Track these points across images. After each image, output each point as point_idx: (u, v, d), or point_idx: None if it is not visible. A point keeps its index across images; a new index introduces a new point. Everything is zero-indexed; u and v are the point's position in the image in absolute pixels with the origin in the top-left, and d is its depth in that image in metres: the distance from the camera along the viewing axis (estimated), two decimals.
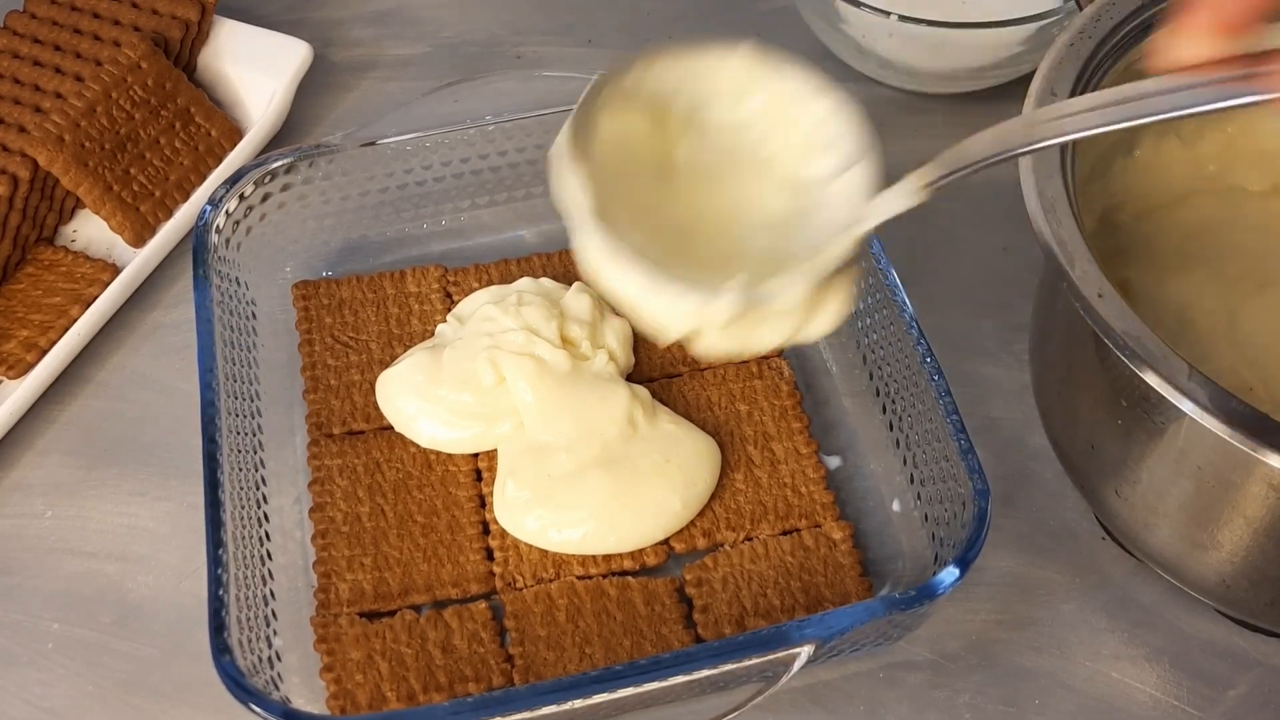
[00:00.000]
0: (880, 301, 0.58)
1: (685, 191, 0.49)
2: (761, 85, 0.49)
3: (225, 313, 0.59)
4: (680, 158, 0.50)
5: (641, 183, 0.49)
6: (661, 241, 0.47)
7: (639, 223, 0.47)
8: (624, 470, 0.56)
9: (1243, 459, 0.43)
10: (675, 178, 0.49)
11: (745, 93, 0.49)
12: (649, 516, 0.56)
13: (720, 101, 0.49)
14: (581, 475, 0.56)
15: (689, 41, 0.48)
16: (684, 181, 0.49)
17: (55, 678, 0.56)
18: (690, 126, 0.49)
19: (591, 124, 0.47)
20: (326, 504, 0.57)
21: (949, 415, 0.53)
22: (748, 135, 0.49)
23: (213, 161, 0.71)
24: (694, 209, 0.49)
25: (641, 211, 0.48)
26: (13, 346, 0.63)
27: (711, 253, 0.48)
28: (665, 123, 0.49)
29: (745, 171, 0.49)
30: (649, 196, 0.48)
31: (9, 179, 0.65)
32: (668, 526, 0.56)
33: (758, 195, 0.49)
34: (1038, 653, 0.56)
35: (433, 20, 0.82)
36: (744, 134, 0.49)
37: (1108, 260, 0.48)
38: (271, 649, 0.51)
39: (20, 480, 0.62)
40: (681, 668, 0.47)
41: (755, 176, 0.49)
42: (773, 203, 0.49)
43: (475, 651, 0.53)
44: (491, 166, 0.66)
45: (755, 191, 0.49)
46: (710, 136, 0.49)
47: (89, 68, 0.69)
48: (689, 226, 0.48)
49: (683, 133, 0.49)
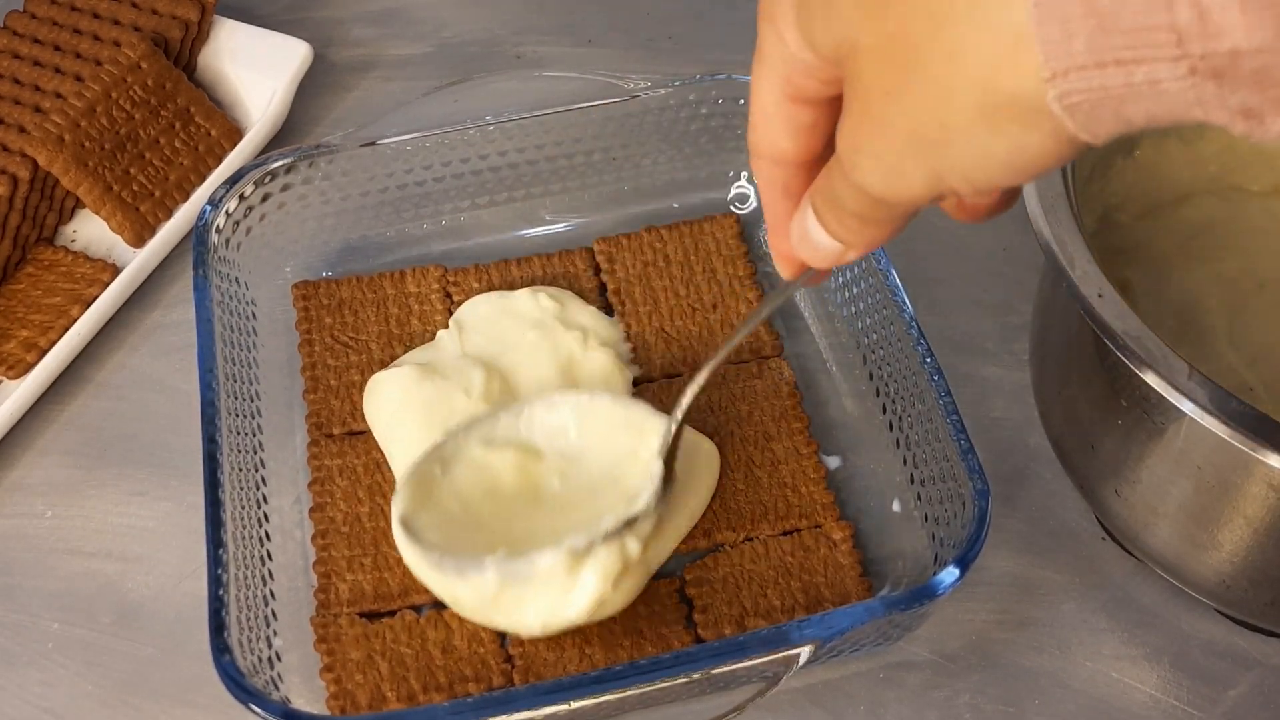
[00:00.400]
0: (880, 301, 0.58)
1: (544, 513, 0.53)
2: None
3: (225, 313, 0.59)
4: (552, 486, 0.54)
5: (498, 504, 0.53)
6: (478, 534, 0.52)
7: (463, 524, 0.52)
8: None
9: (1243, 459, 0.43)
10: (541, 503, 0.53)
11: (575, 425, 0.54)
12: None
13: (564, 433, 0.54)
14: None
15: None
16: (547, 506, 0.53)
17: (55, 678, 0.56)
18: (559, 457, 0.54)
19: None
20: (326, 504, 0.57)
21: (949, 415, 0.53)
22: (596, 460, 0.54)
23: (213, 161, 0.71)
24: (539, 523, 0.52)
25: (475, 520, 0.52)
26: (12, 346, 0.63)
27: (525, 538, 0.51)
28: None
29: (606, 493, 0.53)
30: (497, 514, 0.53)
31: (9, 179, 0.65)
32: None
33: (598, 508, 0.52)
34: (1038, 653, 0.56)
35: (433, 20, 0.82)
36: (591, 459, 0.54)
37: (1108, 260, 0.48)
38: (271, 649, 0.51)
39: (20, 480, 0.62)
40: (681, 668, 0.47)
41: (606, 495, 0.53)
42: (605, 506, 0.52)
43: (475, 651, 0.53)
44: (491, 166, 0.66)
45: (599, 506, 0.52)
46: (577, 463, 0.54)
47: (89, 68, 0.69)
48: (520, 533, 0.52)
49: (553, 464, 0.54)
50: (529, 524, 0.52)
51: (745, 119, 0.65)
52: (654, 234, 0.66)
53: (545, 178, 0.67)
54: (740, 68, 0.66)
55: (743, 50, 0.79)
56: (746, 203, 0.69)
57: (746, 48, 0.86)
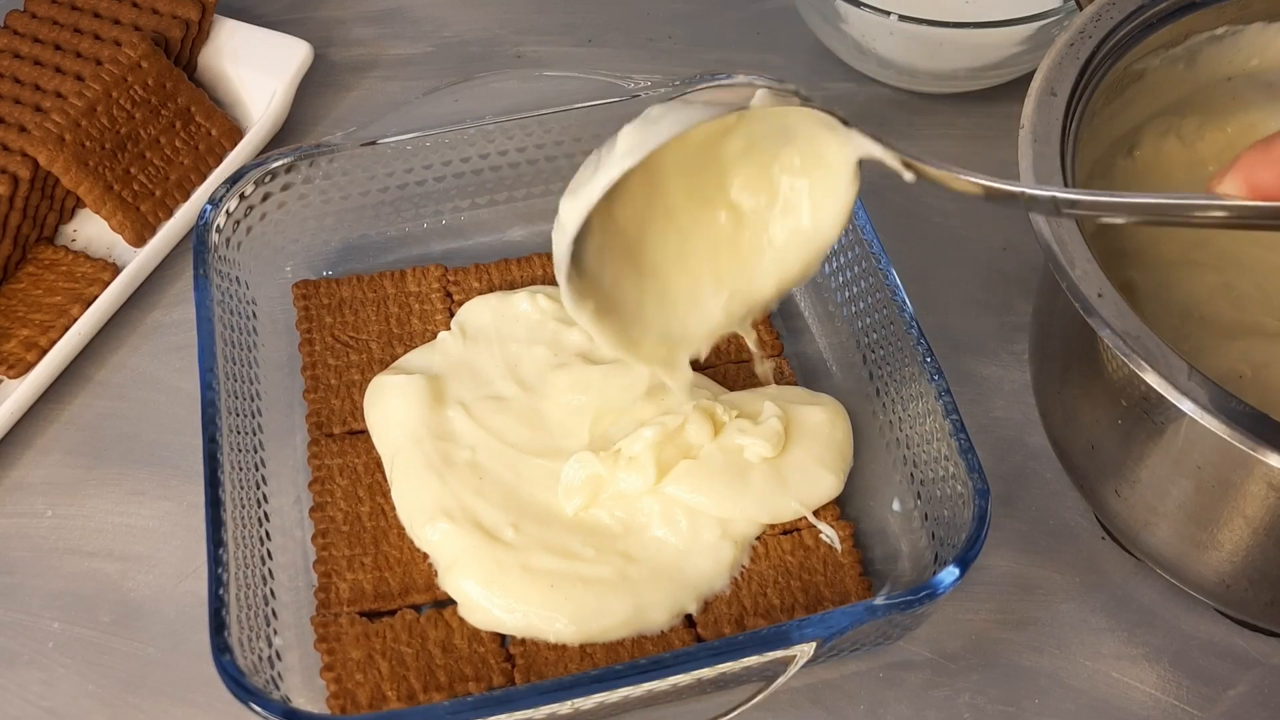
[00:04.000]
0: (880, 301, 0.58)
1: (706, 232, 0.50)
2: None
3: (225, 312, 0.59)
4: (732, 184, 0.50)
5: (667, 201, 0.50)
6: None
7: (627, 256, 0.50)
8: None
9: (1242, 459, 0.43)
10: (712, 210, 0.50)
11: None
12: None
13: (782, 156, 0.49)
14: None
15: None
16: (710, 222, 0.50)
17: (55, 677, 0.56)
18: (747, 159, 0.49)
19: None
20: (327, 503, 0.57)
21: (949, 415, 0.53)
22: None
23: (213, 161, 0.71)
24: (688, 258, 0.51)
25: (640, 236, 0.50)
26: (13, 346, 0.63)
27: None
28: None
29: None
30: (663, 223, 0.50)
31: (9, 178, 0.65)
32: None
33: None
34: (1038, 653, 0.56)
35: (433, 20, 0.82)
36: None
37: (1110, 261, 0.48)
38: (272, 648, 0.51)
39: (21, 479, 0.62)
40: (681, 668, 0.47)
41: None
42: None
43: (475, 651, 0.53)
44: (492, 166, 0.66)
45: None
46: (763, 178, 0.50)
47: (89, 67, 0.69)
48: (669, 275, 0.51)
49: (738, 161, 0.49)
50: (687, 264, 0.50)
51: None
52: None
53: (545, 178, 0.67)
54: (740, 68, 0.66)
55: (743, 50, 0.79)
56: None
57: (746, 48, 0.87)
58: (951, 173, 0.44)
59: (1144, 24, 0.53)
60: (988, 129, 0.74)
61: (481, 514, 0.55)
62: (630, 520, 0.55)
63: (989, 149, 0.73)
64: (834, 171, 0.48)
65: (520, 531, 0.54)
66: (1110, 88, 0.53)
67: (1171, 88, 0.57)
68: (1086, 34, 0.52)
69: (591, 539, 0.54)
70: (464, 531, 0.54)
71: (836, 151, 0.47)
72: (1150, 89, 0.56)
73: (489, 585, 0.53)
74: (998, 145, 0.72)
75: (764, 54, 0.79)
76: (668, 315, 0.51)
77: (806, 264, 0.50)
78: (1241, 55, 0.57)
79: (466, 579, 0.54)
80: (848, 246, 0.60)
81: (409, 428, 0.57)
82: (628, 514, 0.55)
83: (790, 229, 0.50)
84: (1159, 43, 0.55)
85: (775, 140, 0.48)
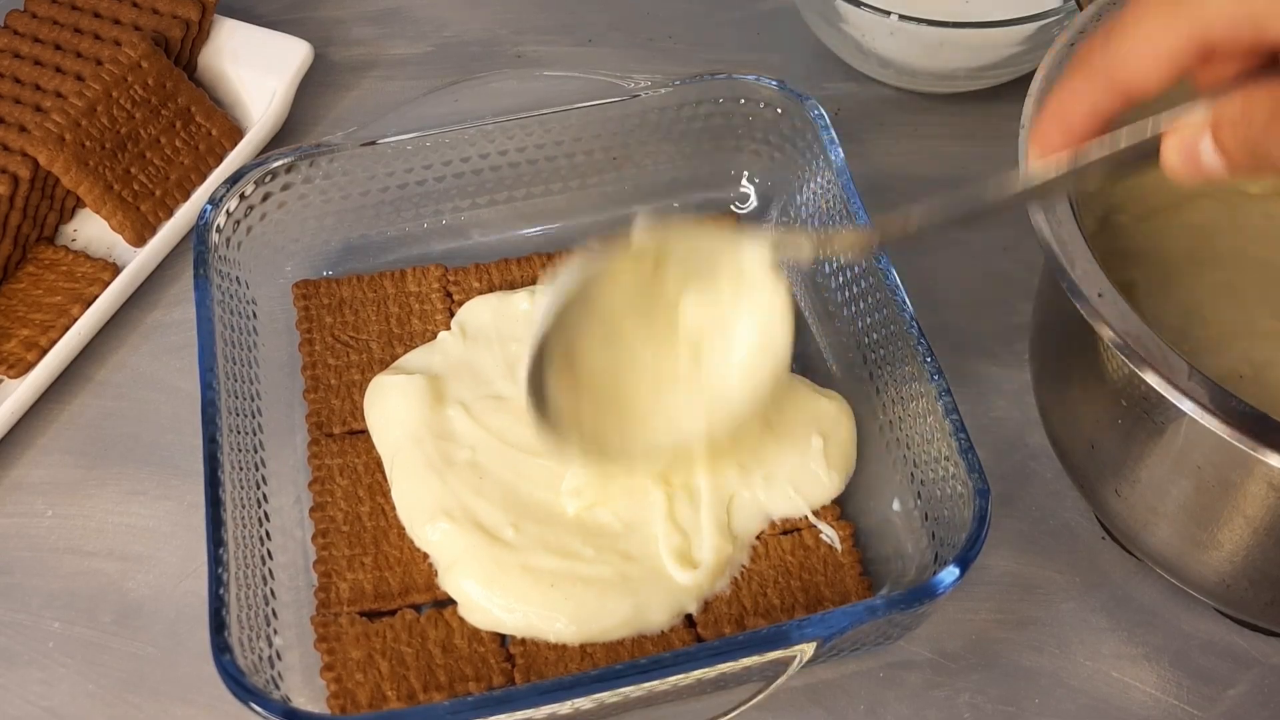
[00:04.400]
0: (880, 301, 0.58)
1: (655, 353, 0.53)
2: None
3: (225, 312, 0.59)
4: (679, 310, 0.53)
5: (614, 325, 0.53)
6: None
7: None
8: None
9: (1243, 458, 0.43)
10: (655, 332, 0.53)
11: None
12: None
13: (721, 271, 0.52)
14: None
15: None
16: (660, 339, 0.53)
17: (55, 677, 0.56)
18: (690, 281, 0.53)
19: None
20: (327, 503, 0.57)
21: (949, 414, 0.53)
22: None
23: (213, 161, 0.71)
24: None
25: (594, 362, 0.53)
26: (13, 345, 0.63)
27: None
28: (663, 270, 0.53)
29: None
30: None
31: (9, 178, 0.65)
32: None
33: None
34: (1038, 652, 0.56)
35: (433, 20, 0.82)
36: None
37: (1110, 261, 0.48)
38: (272, 648, 0.51)
39: (21, 479, 0.62)
40: (681, 667, 0.47)
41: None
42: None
43: (475, 651, 0.53)
44: (492, 166, 0.66)
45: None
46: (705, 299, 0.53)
47: (89, 67, 0.69)
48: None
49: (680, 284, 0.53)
50: (654, 402, 0.53)
51: (745, 119, 0.66)
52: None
53: (545, 178, 0.67)
54: (740, 67, 0.66)
55: (743, 50, 0.79)
56: (747, 202, 0.69)
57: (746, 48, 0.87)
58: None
59: None
60: (988, 129, 0.74)
61: (481, 514, 0.55)
62: (631, 519, 0.55)
63: (989, 149, 0.73)
64: (757, 281, 0.52)
65: (520, 531, 0.54)
66: None
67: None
68: (1087, 34, 0.52)
69: (591, 539, 0.54)
70: (464, 531, 0.54)
71: (750, 261, 0.52)
72: None
73: (489, 585, 0.53)
74: (998, 145, 0.72)
75: (764, 54, 0.79)
76: (654, 449, 0.54)
77: (773, 371, 0.53)
78: None
79: (466, 579, 0.54)
80: None
81: (409, 428, 0.57)
82: (628, 513, 0.55)
83: (746, 347, 0.53)
84: None
85: (704, 268, 0.52)
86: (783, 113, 0.65)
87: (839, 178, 0.61)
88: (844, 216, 0.60)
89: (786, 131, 0.65)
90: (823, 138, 0.62)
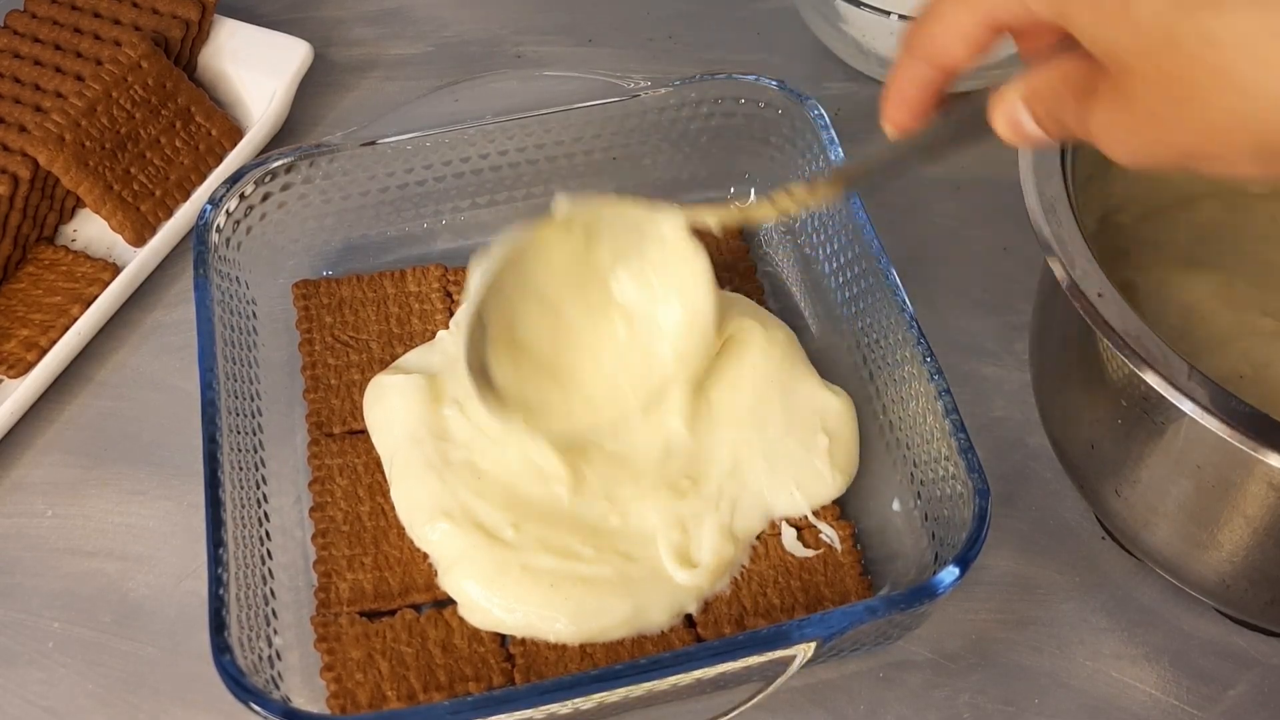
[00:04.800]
0: (880, 301, 0.58)
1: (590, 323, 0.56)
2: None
3: (225, 312, 0.59)
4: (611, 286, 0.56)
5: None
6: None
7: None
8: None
9: (1243, 458, 0.43)
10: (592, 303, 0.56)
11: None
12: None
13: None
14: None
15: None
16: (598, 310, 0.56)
17: (55, 677, 0.56)
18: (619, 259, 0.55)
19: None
20: (327, 503, 0.57)
21: (949, 414, 0.53)
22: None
23: (213, 161, 0.71)
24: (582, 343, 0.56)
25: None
26: (13, 346, 0.63)
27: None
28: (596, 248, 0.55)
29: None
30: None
31: (9, 178, 0.65)
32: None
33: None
34: (1038, 652, 0.56)
35: (433, 20, 0.82)
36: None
37: (1111, 261, 0.48)
38: (271, 648, 0.51)
39: (21, 479, 0.62)
40: (681, 667, 0.47)
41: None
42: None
43: (475, 651, 0.53)
44: (492, 166, 0.66)
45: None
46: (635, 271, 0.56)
47: (89, 67, 0.70)
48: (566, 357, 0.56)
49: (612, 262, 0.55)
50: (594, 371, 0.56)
51: (745, 119, 0.66)
52: None
53: (545, 177, 0.67)
54: (740, 67, 0.66)
55: (743, 50, 0.79)
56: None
57: (747, 48, 0.86)
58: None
59: None
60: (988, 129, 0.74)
61: (481, 514, 0.55)
62: (631, 518, 0.55)
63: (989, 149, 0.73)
64: (677, 248, 0.54)
65: (520, 531, 0.54)
66: None
67: None
68: None
69: (591, 538, 0.54)
70: (464, 531, 0.54)
71: (669, 230, 0.54)
72: None
73: (489, 585, 0.53)
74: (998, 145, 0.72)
75: (764, 54, 0.79)
76: (595, 415, 0.56)
77: (700, 338, 0.56)
78: None
79: (466, 579, 0.54)
80: (847, 246, 0.60)
81: (409, 427, 0.57)
82: (628, 512, 0.55)
83: (674, 314, 0.55)
84: None
85: (633, 240, 0.54)
86: (783, 113, 0.65)
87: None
88: (844, 216, 0.60)
89: (786, 131, 0.65)
90: (823, 138, 0.62)
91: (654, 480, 0.56)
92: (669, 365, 0.56)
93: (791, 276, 0.66)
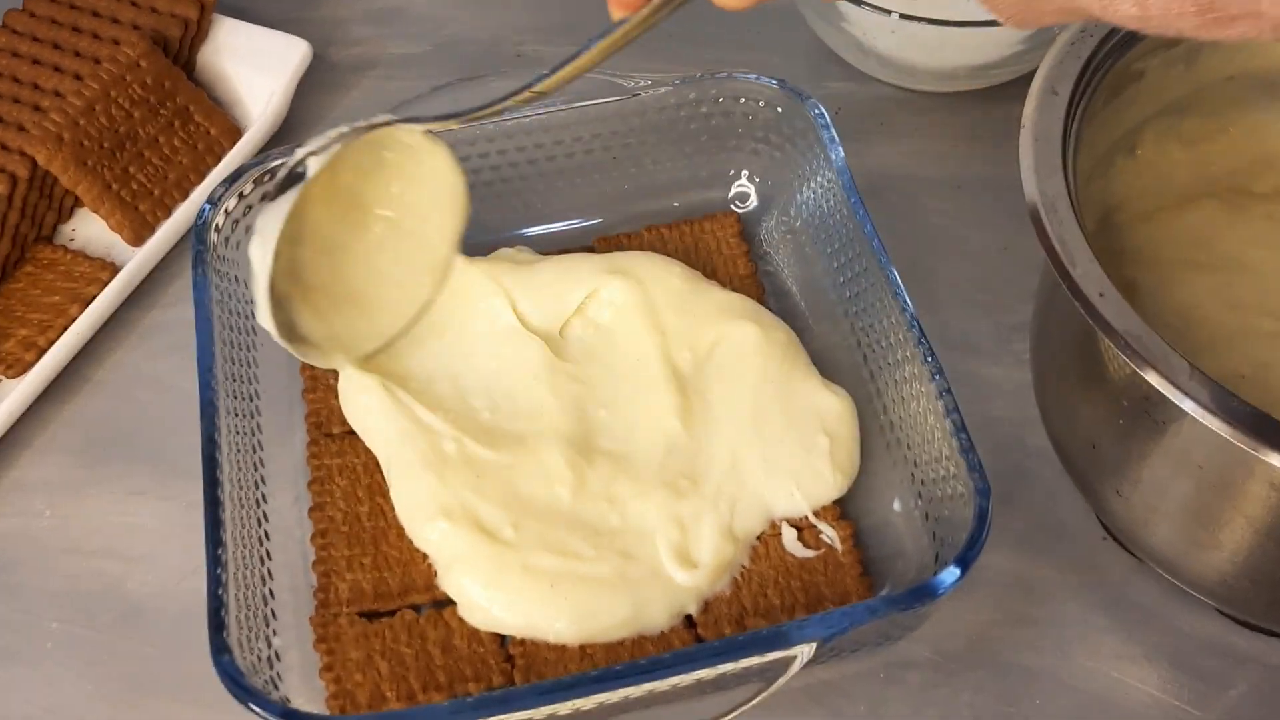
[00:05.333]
0: (881, 301, 0.58)
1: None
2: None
3: (224, 312, 0.59)
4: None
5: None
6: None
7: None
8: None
9: (1243, 458, 0.43)
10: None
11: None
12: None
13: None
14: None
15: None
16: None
17: (56, 677, 0.56)
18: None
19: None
20: (326, 503, 0.57)
21: (949, 414, 0.53)
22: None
23: (212, 160, 0.71)
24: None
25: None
26: (11, 345, 0.63)
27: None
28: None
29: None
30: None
31: (8, 177, 0.65)
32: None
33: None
34: (1038, 652, 0.56)
35: (433, 19, 0.82)
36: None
37: (1111, 261, 0.48)
38: (271, 648, 0.51)
39: (20, 479, 0.62)
40: (681, 668, 0.47)
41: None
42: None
43: (475, 651, 0.53)
44: (492, 166, 0.66)
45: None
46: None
47: (88, 66, 0.69)
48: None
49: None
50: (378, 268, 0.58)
51: (745, 118, 0.66)
52: (654, 232, 0.66)
53: (546, 177, 0.67)
54: (740, 66, 0.66)
55: (743, 50, 0.79)
56: (747, 201, 0.69)
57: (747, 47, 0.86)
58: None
59: None
60: (988, 128, 0.74)
61: (481, 513, 0.55)
62: (631, 517, 0.55)
63: (989, 149, 0.73)
64: (410, 143, 0.56)
65: (520, 530, 0.54)
66: (1111, 86, 0.53)
67: (1172, 87, 0.57)
68: (1088, 32, 0.52)
69: (591, 538, 0.54)
70: (463, 531, 0.54)
71: (401, 134, 0.56)
72: (1151, 88, 0.56)
73: (489, 585, 0.53)
74: (998, 145, 0.72)
75: (764, 54, 0.79)
76: (400, 316, 0.58)
77: (457, 207, 0.58)
78: (1242, 55, 0.57)
79: (466, 579, 0.53)
80: (847, 246, 0.60)
81: (396, 425, 0.57)
82: (629, 511, 0.55)
83: (426, 196, 0.58)
84: (1159, 42, 0.55)
85: (371, 155, 0.56)
86: (783, 112, 0.65)
87: (839, 177, 0.61)
88: (844, 216, 0.60)
89: (787, 131, 0.65)
90: (823, 137, 0.62)
91: (654, 480, 0.56)
92: (440, 239, 0.58)
93: (791, 276, 0.66)
